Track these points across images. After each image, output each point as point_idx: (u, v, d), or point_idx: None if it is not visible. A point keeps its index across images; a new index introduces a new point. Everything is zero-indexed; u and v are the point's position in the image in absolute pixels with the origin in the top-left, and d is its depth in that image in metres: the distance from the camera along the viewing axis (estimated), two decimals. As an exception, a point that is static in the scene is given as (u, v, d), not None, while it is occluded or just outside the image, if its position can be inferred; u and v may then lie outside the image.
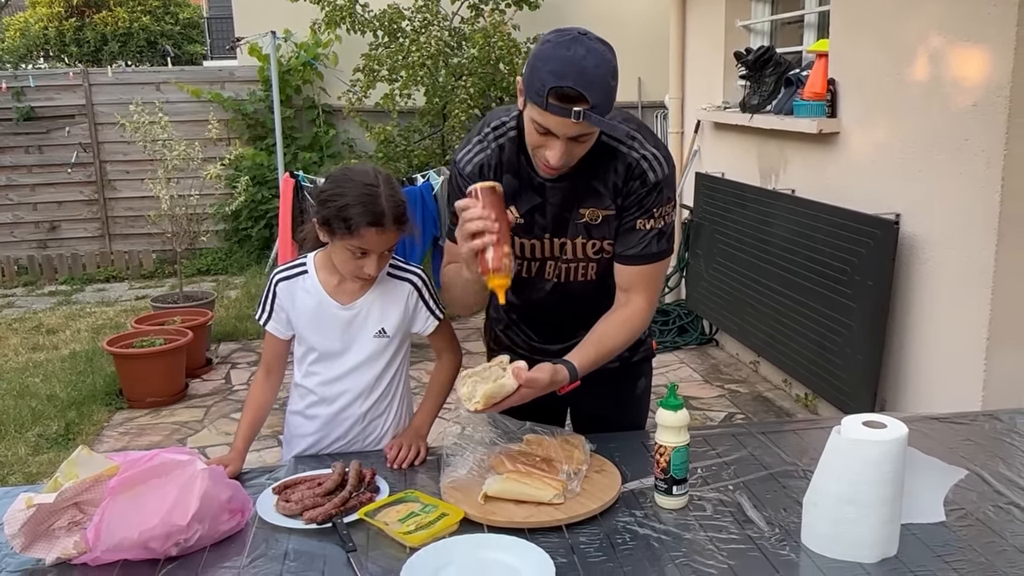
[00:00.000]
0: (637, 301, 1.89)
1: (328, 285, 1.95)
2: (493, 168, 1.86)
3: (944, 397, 3.32)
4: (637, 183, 1.83)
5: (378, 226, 1.81)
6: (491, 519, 1.62)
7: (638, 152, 1.83)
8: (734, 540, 1.57)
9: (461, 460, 1.80)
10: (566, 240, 1.89)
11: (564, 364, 1.78)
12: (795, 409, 4.36)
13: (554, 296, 1.98)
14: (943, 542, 1.54)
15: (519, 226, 1.89)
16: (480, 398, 1.67)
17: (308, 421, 2.02)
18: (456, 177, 1.91)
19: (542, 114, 1.66)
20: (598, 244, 1.89)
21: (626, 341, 1.89)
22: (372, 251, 1.84)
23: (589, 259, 1.91)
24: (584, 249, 1.89)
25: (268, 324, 1.99)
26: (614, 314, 1.90)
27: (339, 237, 1.84)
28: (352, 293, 1.95)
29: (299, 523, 1.65)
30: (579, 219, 1.86)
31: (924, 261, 3.42)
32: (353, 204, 1.80)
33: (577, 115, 1.61)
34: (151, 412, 4.53)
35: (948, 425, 2.06)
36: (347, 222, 1.80)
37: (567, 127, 1.65)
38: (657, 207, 1.84)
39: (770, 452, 1.93)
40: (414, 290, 1.99)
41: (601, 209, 1.86)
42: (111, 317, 6.36)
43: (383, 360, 1.98)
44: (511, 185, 1.85)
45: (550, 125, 1.66)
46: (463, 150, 1.91)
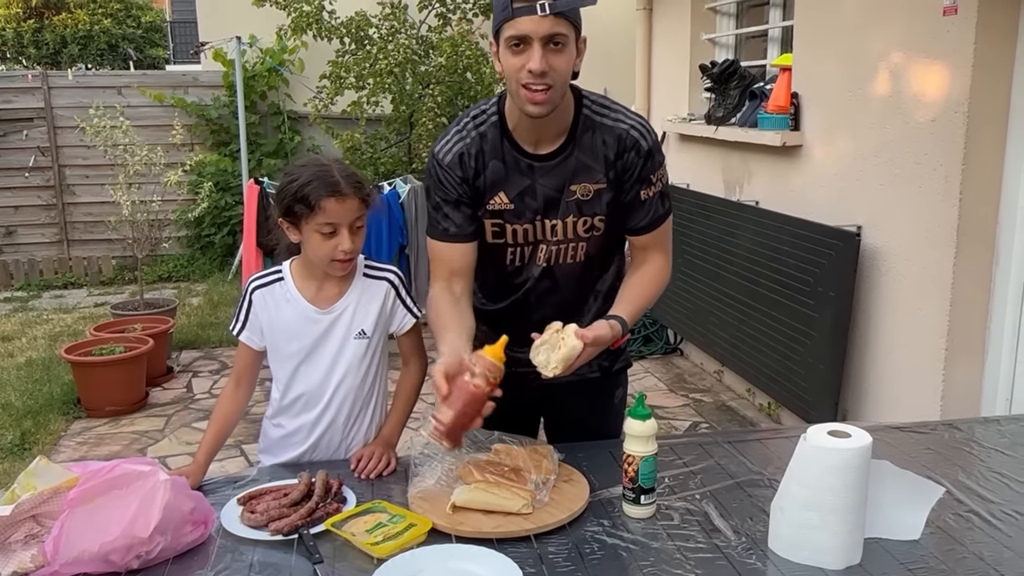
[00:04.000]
0: (656, 258, 1.96)
1: (306, 292, 1.94)
2: (474, 156, 1.85)
3: (904, 406, 3.37)
4: (632, 154, 1.86)
5: (337, 194, 1.83)
6: (459, 529, 1.62)
7: (625, 123, 1.86)
8: (701, 549, 1.57)
9: (429, 470, 1.79)
10: (557, 220, 1.89)
11: (615, 319, 1.81)
12: (758, 418, 4.41)
13: (540, 283, 1.96)
14: (906, 550, 1.56)
15: (510, 211, 1.88)
16: (557, 363, 1.69)
17: (288, 429, 2.00)
18: (435, 168, 1.88)
19: (512, 24, 1.69)
20: (589, 221, 1.90)
21: (658, 292, 1.96)
22: (340, 224, 1.85)
23: (579, 238, 1.91)
24: (575, 228, 1.90)
25: (242, 334, 1.97)
26: (640, 271, 1.95)
27: (304, 221, 1.85)
28: (331, 297, 1.94)
29: (264, 534, 1.62)
30: (570, 196, 1.87)
31: (885, 273, 3.48)
32: (308, 182, 1.84)
33: (543, 8, 1.65)
34: (110, 421, 4.45)
35: (908, 434, 2.09)
36: (306, 200, 1.83)
37: (538, 25, 1.68)
38: (653, 172, 1.89)
39: (736, 461, 1.94)
40: (391, 288, 1.98)
41: (592, 183, 1.87)
42: (69, 324, 6.24)
43: (364, 363, 1.97)
44: (498, 171, 1.85)
45: (522, 30, 1.69)
46: (442, 141, 1.89)
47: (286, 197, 1.85)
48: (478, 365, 1.63)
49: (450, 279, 1.90)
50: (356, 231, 1.88)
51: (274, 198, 1.93)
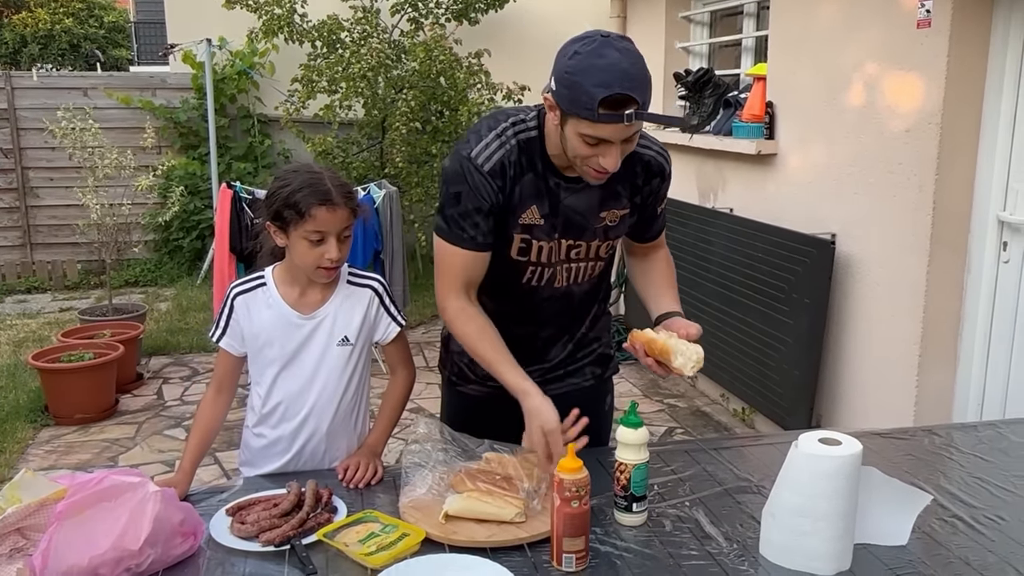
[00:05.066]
0: (662, 251, 2.11)
1: (289, 297, 1.92)
2: (514, 165, 1.81)
3: (878, 412, 3.43)
4: (657, 180, 1.93)
5: (328, 203, 1.82)
6: (453, 539, 1.61)
7: (652, 149, 1.91)
8: (694, 556, 1.59)
9: (420, 479, 1.78)
10: (581, 243, 1.91)
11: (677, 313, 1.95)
12: (733, 423, 4.45)
13: (557, 302, 1.97)
14: (894, 556, 1.59)
15: (539, 227, 1.86)
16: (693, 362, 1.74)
17: (269, 439, 1.98)
18: (471, 174, 1.79)
19: (594, 126, 1.65)
20: (612, 244, 1.96)
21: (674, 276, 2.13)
22: (328, 233, 1.83)
23: (599, 258, 1.97)
24: (599, 251, 1.95)
25: (222, 340, 1.95)
26: (656, 265, 2.09)
27: (292, 227, 1.83)
28: (313, 304, 1.92)
29: (255, 545, 1.61)
30: (599, 223, 1.90)
31: (859, 280, 3.53)
32: (299, 189, 1.83)
33: (629, 118, 1.63)
34: (79, 429, 4.37)
35: (889, 440, 2.12)
36: (296, 207, 1.82)
37: (621, 132, 1.66)
38: (667, 190, 2.00)
39: (723, 468, 1.96)
40: (375, 296, 1.97)
41: (619, 210, 1.91)
42: (33, 330, 6.12)
43: (347, 371, 1.95)
44: (533, 185, 1.83)
45: (604, 135, 1.66)
46: (478, 145, 1.80)
47: (276, 202, 1.84)
48: (569, 488, 1.52)
49: (467, 289, 1.87)
50: (343, 240, 1.87)
51: (263, 201, 1.92)
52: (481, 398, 2.05)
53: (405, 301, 5.32)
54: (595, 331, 2.11)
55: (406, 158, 6.43)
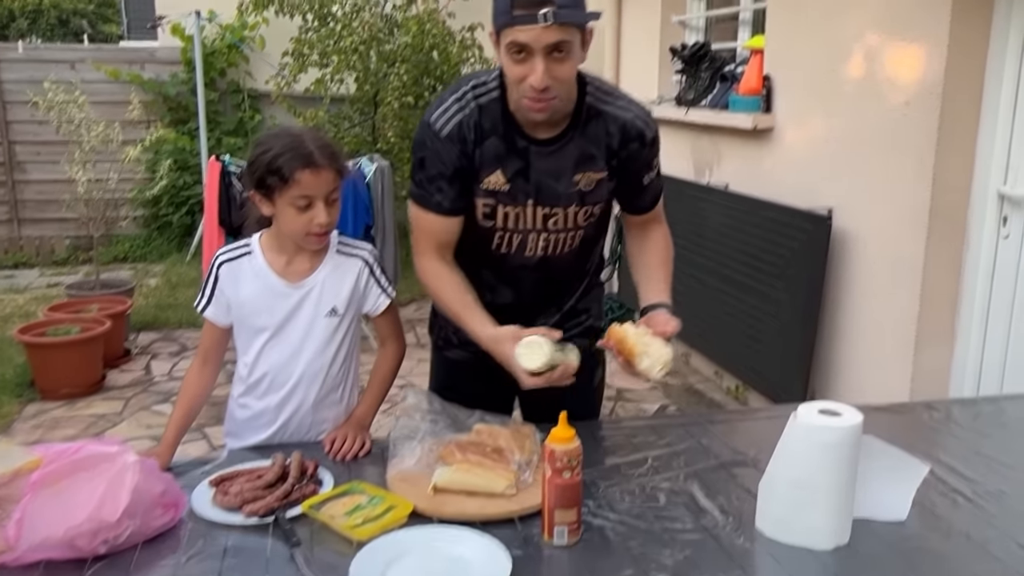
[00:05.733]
0: (658, 228, 2.01)
1: (276, 265, 1.87)
2: (473, 128, 1.78)
3: (873, 389, 3.39)
4: (636, 144, 1.83)
5: (311, 166, 1.76)
6: (441, 512, 1.57)
7: (630, 111, 1.82)
8: (689, 530, 1.55)
9: (408, 450, 1.74)
10: (557, 209, 1.84)
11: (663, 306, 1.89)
12: (726, 401, 4.42)
13: (535, 272, 1.92)
14: (893, 530, 1.55)
15: (504, 193, 1.82)
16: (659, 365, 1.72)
17: (254, 410, 1.93)
18: (431, 140, 1.79)
19: (512, 31, 1.61)
20: (589, 210, 1.87)
21: (671, 257, 2.04)
22: (315, 196, 1.78)
23: (579, 227, 1.89)
24: (576, 218, 1.87)
25: (207, 311, 1.89)
26: (650, 245, 2.01)
27: (278, 193, 1.78)
28: (301, 272, 1.87)
29: (238, 518, 1.56)
30: (572, 187, 1.82)
31: (856, 256, 3.49)
32: (281, 153, 1.77)
33: (545, 17, 1.57)
34: (66, 404, 4.31)
35: (888, 415, 2.09)
36: (279, 172, 1.76)
37: (540, 35, 1.60)
38: (654, 158, 1.89)
39: (718, 442, 1.92)
40: (365, 266, 1.92)
41: (595, 172, 1.83)
42: (20, 305, 6.04)
43: (335, 342, 1.90)
44: (496, 148, 1.79)
45: (523, 39, 1.61)
46: (437, 110, 1.79)
47: (258, 169, 1.78)
48: (560, 458, 1.47)
49: (440, 251, 1.86)
50: (331, 203, 1.81)
51: (245, 169, 1.86)
52: (464, 363, 2.02)
53: (396, 277, 5.26)
54: (584, 302, 2.05)
55: (398, 133, 6.35)
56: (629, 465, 1.79)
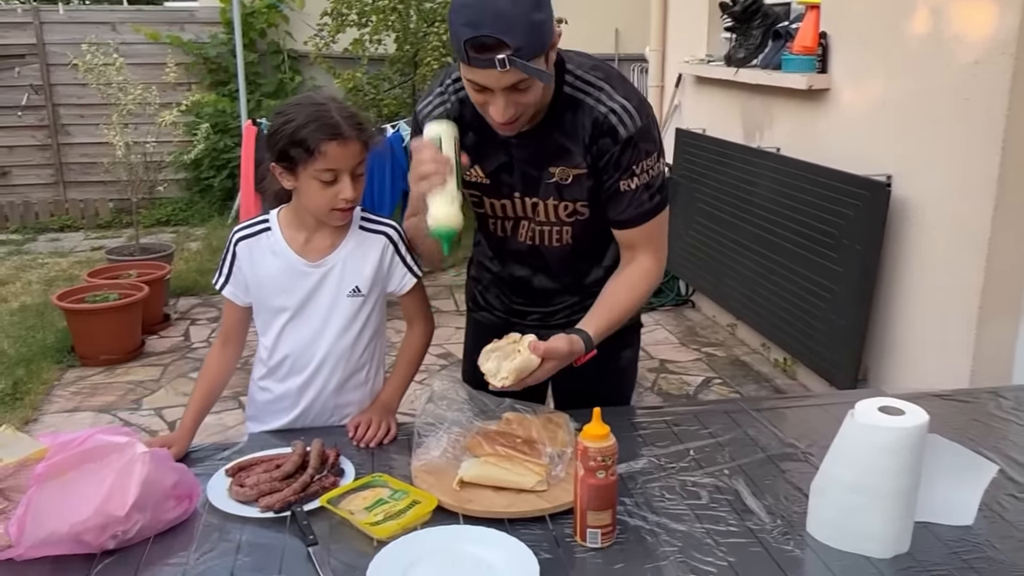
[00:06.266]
0: (643, 260, 1.76)
1: (295, 243, 1.77)
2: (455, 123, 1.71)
3: (930, 368, 3.22)
4: (608, 140, 1.66)
5: (337, 137, 1.66)
6: (467, 508, 1.47)
7: (605, 105, 1.65)
8: (733, 533, 1.43)
9: (434, 440, 1.64)
10: (538, 200, 1.75)
11: (578, 333, 1.65)
12: (773, 374, 4.27)
13: (531, 259, 1.86)
14: (958, 537, 1.42)
15: (487, 186, 1.76)
16: (508, 374, 1.55)
17: (275, 394, 1.84)
18: (418, 131, 1.76)
19: (470, 70, 1.51)
20: (571, 206, 1.75)
21: (638, 301, 1.78)
22: (341, 170, 1.68)
23: (563, 222, 1.77)
24: (557, 212, 1.76)
25: (226, 289, 1.81)
26: (622, 275, 1.78)
27: (301, 166, 1.68)
28: (322, 250, 1.77)
29: (254, 511, 1.48)
30: (549, 179, 1.72)
31: (916, 225, 3.30)
32: (305, 124, 1.66)
33: (502, 63, 1.44)
34: (105, 370, 4.31)
35: (950, 403, 1.94)
36: (304, 144, 1.65)
37: (499, 79, 1.49)
38: (636, 163, 1.68)
39: (766, 432, 1.79)
40: (389, 244, 1.81)
41: (571, 168, 1.70)
42: (64, 268, 6.09)
43: (358, 323, 1.80)
44: (474, 143, 1.71)
45: (479, 80, 1.51)
46: (424, 101, 1.78)
47: (281, 140, 1.67)
48: (594, 457, 1.37)
49: None
50: (357, 178, 1.71)
51: (267, 140, 1.75)
52: (490, 326, 1.95)
53: (435, 243, 5.16)
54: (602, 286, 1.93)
55: (438, 95, 6.20)
56: (669, 458, 1.68)
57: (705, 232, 4.84)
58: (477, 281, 2.04)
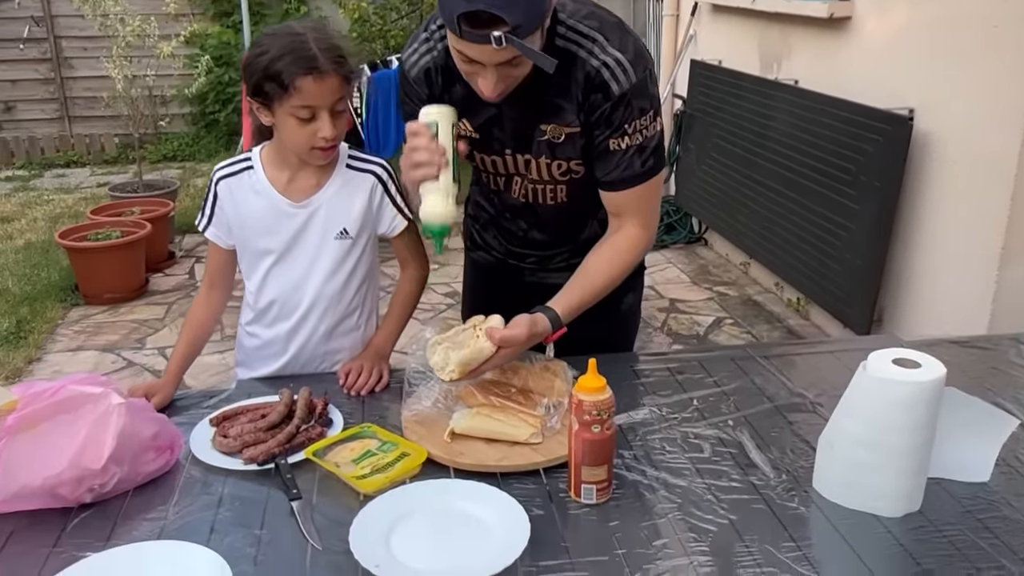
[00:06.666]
0: (630, 228, 1.65)
1: (278, 182, 1.68)
2: (440, 72, 1.61)
3: (948, 311, 3.13)
4: (599, 96, 1.54)
5: (313, 71, 1.55)
6: (458, 461, 1.41)
7: (598, 58, 1.53)
8: (736, 489, 1.37)
9: (425, 389, 1.58)
10: (531, 158, 1.65)
11: (544, 312, 1.56)
12: (786, 314, 4.18)
13: (526, 215, 1.78)
14: (972, 494, 1.35)
15: (477, 140, 1.65)
16: (455, 366, 1.47)
17: (263, 339, 1.78)
18: (404, 80, 1.66)
19: (460, 42, 1.39)
20: (564, 165, 1.64)
21: (619, 275, 1.66)
22: (319, 107, 1.58)
23: (556, 181, 1.67)
24: (550, 170, 1.65)
25: (208, 230, 1.74)
26: (605, 244, 1.67)
27: (277, 103, 1.58)
28: (306, 190, 1.68)
29: (237, 463, 1.43)
30: (541, 136, 1.61)
31: (938, 161, 3.16)
32: (279, 56, 1.55)
33: (499, 40, 1.33)
34: (109, 309, 4.28)
35: (969, 351, 1.85)
36: (278, 78, 1.55)
37: (492, 55, 1.39)
38: (629, 122, 1.55)
39: (774, 381, 1.72)
40: (378, 183, 1.72)
41: (563, 126, 1.59)
42: (70, 205, 6.03)
43: (347, 267, 1.73)
44: (462, 95, 1.59)
45: (470, 54, 1.40)
46: (409, 49, 1.66)
47: (255, 73, 1.57)
48: (589, 411, 1.29)
49: None
50: (337, 115, 1.61)
51: (242, 73, 1.65)
52: (488, 266, 1.93)
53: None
54: None
55: (446, 25, 6.02)
56: (672, 408, 1.61)
57: (719, 168, 4.71)
58: (475, 220, 1.96)
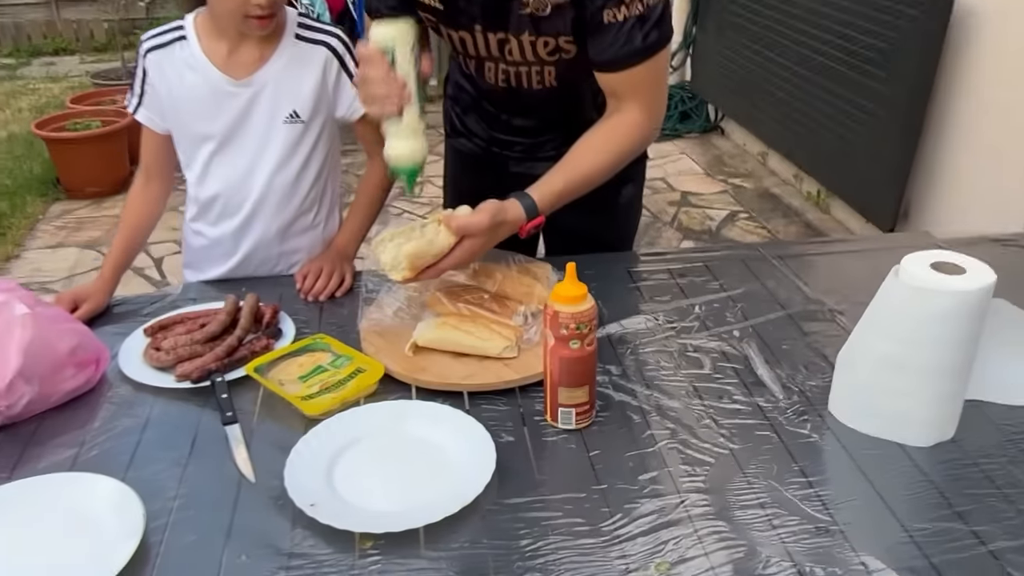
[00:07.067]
0: (629, 112, 1.39)
1: (216, 55, 1.45)
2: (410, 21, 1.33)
3: (981, 209, 2.88)
4: None
5: None
6: (419, 378, 1.23)
7: None
8: (739, 412, 1.18)
9: (388, 296, 1.39)
10: (507, 36, 1.38)
11: (520, 199, 1.34)
12: (804, 208, 3.93)
13: (509, 102, 1.54)
14: (1013, 417, 1.16)
15: (441, 12, 1.39)
16: (404, 261, 1.24)
17: (209, 238, 1.59)
18: None
19: None
20: (551, 43, 1.37)
21: (612, 164, 1.42)
22: None
23: (543, 62, 1.41)
24: (535, 50, 1.39)
25: (139, 113, 1.52)
26: (598, 128, 1.42)
27: None
28: (248, 65, 1.45)
29: (169, 380, 1.25)
30: (522, 8, 1.33)
31: (979, 41, 2.85)
32: None
33: None
34: (91, 203, 4.09)
35: (1011, 250, 1.64)
36: None
37: None
38: None
39: (788, 285, 1.51)
40: (333, 57, 1.49)
41: None
42: (56, 95, 5.77)
43: (300, 155, 1.51)
44: None
45: None
46: None
47: None
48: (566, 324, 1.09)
49: None
50: None
51: None
52: (470, 155, 1.70)
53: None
54: None
55: None
56: (670, 316, 1.41)
57: (738, 50, 4.37)
58: (455, 102, 1.71)
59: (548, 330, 1.11)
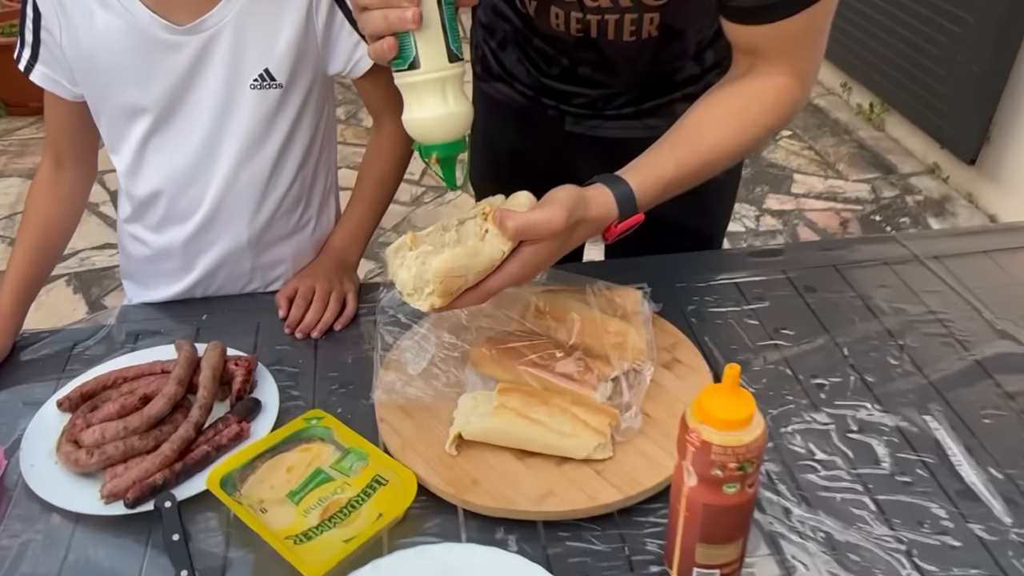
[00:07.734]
0: (776, 73, 0.94)
1: None
2: None
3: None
4: None
5: None
6: (471, 500, 0.82)
7: None
8: (952, 550, 0.79)
9: (411, 341, 0.96)
10: None
11: (610, 184, 0.88)
12: (854, 123, 3.46)
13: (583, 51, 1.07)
14: None
15: None
16: (432, 278, 0.78)
17: (153, 248, 1.13)
18: None
19: None
20: None
21: (748, 145, 0.96)
22: None
23: (645, 6, 0.97)
24: None
25: (35, 72, 1.04)
26: (731, 95, 0.96)
27: None
28: (195, 2, 0.96)
29: (94, 499, 0.84)
30: None
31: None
32: None
33: None
34: (36, 121, 3.56)
35: None
36: None
37: None
38: None
39: (958, 305, 1.11)
40: None
41: None
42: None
43: (276, 135, 1.05)
44: None
45: None
46: None
47: None
48: (719, 456, 0.67)
49: None
50: None
51: None
52: (509, 104, 1.23)
53: None
54: None
55: None
56: (809, 362, 1.01)
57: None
58: (490, 33, 1.21)
59: (688, 464, 0.69)
